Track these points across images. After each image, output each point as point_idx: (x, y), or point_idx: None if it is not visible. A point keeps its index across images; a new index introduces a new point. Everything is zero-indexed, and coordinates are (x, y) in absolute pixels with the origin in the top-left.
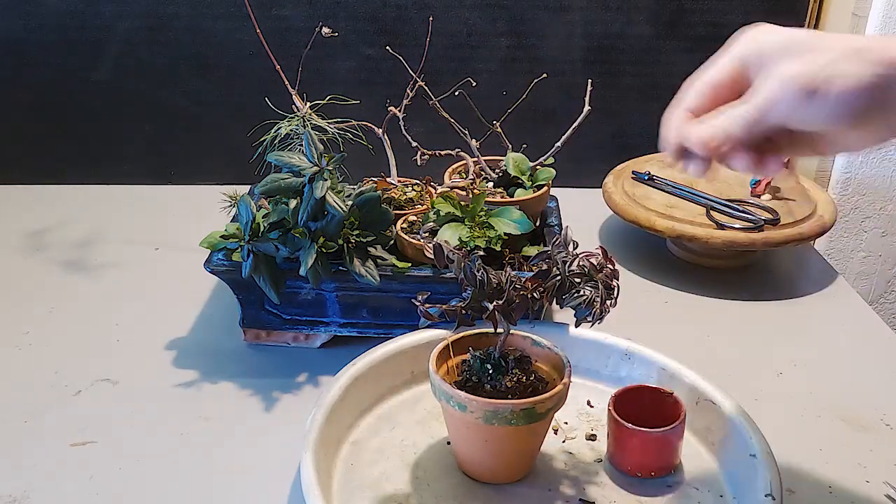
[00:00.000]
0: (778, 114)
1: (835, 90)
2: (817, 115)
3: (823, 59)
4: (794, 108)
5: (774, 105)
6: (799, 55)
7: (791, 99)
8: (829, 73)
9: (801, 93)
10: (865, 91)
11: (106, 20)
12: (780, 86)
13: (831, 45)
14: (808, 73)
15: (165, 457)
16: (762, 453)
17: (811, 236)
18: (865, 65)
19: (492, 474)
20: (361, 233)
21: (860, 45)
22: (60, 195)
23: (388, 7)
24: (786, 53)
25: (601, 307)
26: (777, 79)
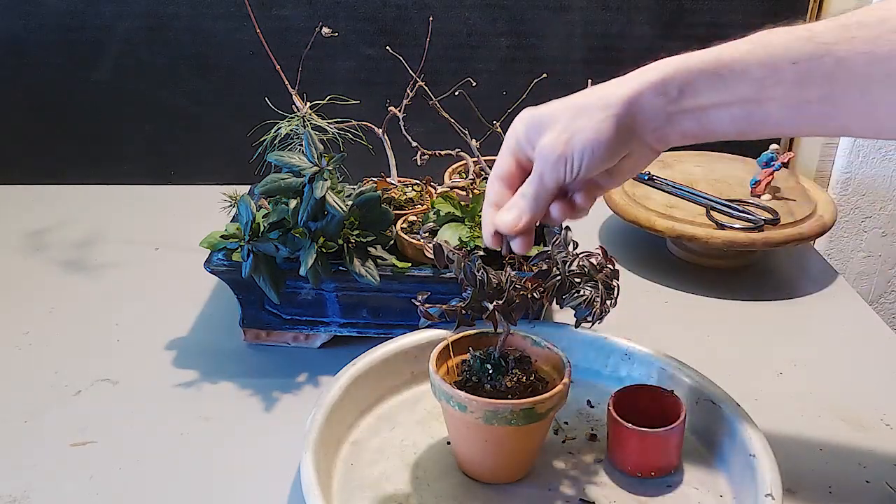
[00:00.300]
0: (552, 181)
1: (579, 146)
2: (580, 168)
3: (561, 125)
4: (560, 171)
5: (544, 177)
6: (547, 128)
7: (553, 166)
8: (568, 136)
9: (558, 159)
10: (604, 134)
11: (106, 20)
12: (540, 160)
13: (564, 109)
14: (549, 143)
15: (165, 457)
16: (762, 453)
17: (811, 236)
18: (594, 113)
19: (492, 474)
20: (361, 233)
21: (582, 102)
22: (60, 195)
23: (388, 7)
24: (538, 130)
25: (601, 307)
26: (537, 156)
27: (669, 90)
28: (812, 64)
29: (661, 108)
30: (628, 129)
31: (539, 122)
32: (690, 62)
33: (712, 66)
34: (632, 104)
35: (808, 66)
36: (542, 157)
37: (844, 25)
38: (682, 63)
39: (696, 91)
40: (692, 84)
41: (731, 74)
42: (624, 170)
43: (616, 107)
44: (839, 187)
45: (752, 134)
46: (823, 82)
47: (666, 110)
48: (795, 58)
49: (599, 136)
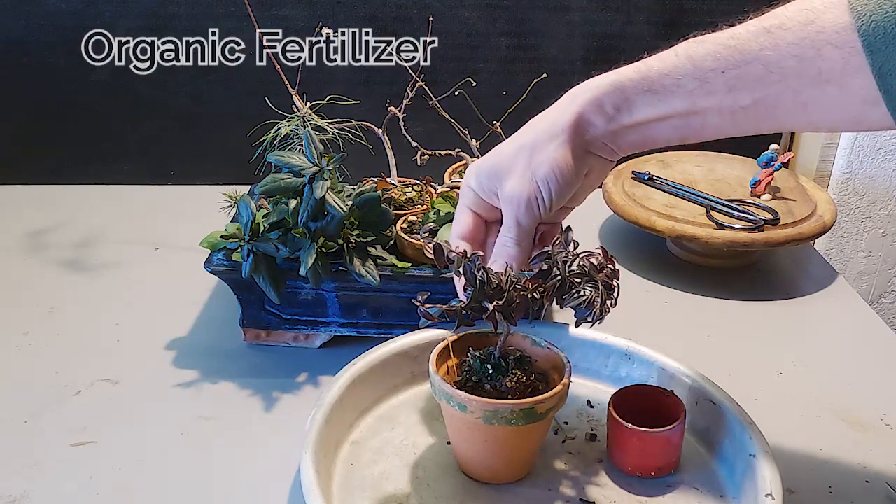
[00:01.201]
0: (528, 222)
1: (544, 181)
2: (551, 200)
3: (520, 168)
4: (534, 210)
5: (520, 221)
6: (506, 175)
7: (526, 209)
8: (530, 174)
9: (529, 200)
10: (562, 161)
11: (106, 20)
12: (512, 206)
13: (516, 151)
14: (517, 186)
15: (165, 457)
16: (762, 453)
17: (811, 236)
18: (546, 147)
19: (492, 474)
20: (361, 233)
21: (531, 139)
22: (60, 195)
23: (388, 7)
24: (496, 179)
25: (601, 307)
26: (505, 203)
27: (606, 109)
28: (741, 71)
29: (603, 126)
30: (582, 148)
31: (494, 171)
32: (622, 80)
33: (643, 83)
34: (577, 126)
35: (737, 73)
36: (512, 202)
37: (767, 30)
38: (614, 81)
39: (632, 108)
40: (627, 102)
41: (663, 90)
42: (586, 186)
43: (564, 133)
44: (839, 187)
45: (696, 139)
46: (755, 87)
47: (608, 128)
48: (724, 67)
49: (559, 164)
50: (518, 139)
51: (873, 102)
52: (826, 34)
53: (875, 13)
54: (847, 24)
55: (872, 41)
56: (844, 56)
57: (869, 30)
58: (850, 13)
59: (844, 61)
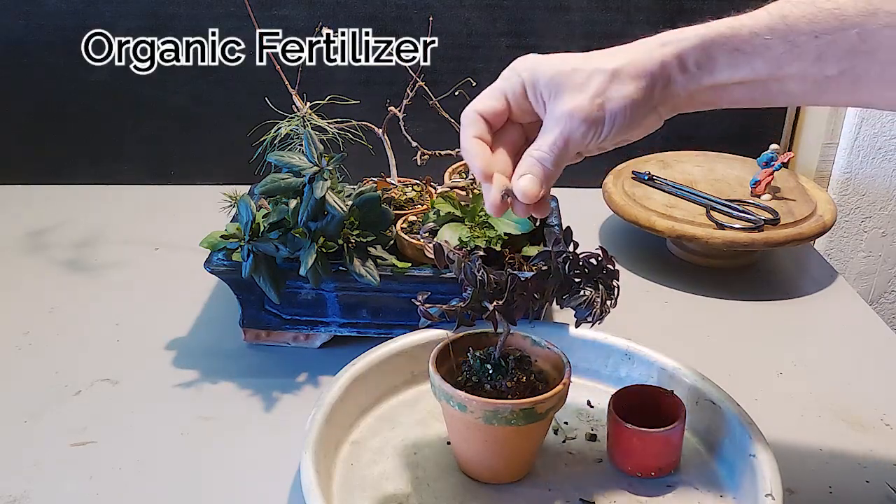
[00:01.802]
0: (574, 146)
1: (612, 112)
2: (608, 134)
3: (593, 89)
4: (589, 136)
5: (570, 140)
6: (572, 89)
7: (578, 131)
8: (602, 100)
9: (585, 124)
10: (633, 102)
11: (106, 20)
12: (565, 125)
13: (593, 71)
14: (584, 107)
15: (165, 457)
16: (762, 453)
17: (811, 236)
18: (627, 82)
19: (492, 474)
20: (361, 233)
21: (612, 66)
22: (60, 195)
23: (388, 7)
24: (557, 88)
25: (601, 307)
26: (561, 118)
27: (688, 65)
28: (834, 37)
29: (682, 83)
30: (653, 99)
31: (557, 80)
32: (710, 35)
33: (731, 41)
34: (658, 75)
35: (830, 39)
36: (571, 120)
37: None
38: (702, 35)
39: (714, 68)
40: (710, 60)
41: (750, 49)
42: (623, 140)
43: (646, 78)
44: (839, 187)
45: (766, 104)
46: (844, 57)
47: (686, 86)
48: (818, 31)
49: (633, 106)
50: (595, 59)
51: None
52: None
53: None
54: None
55: None
56: None
57: None
58: None
59: None
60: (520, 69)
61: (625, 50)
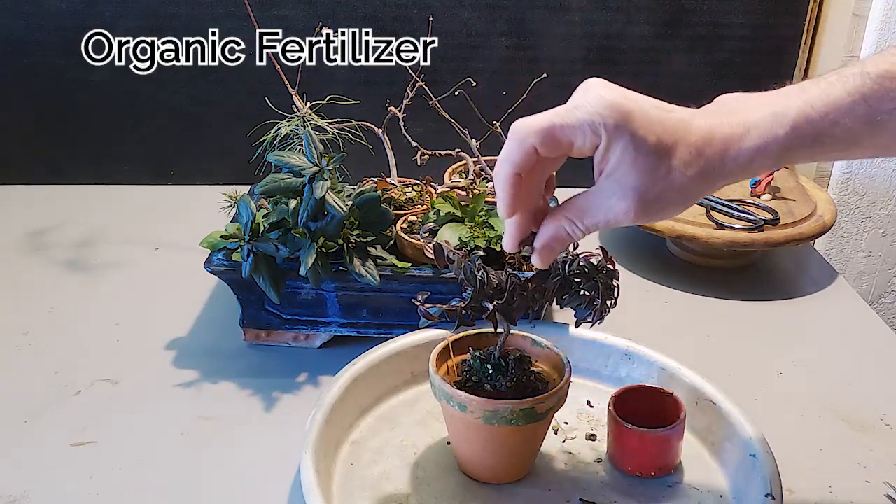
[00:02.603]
0: (614, 226)
1: (667, 213)
2: (644, 221)
3: (663, 188)
4: (629, 223)
5: (612, 224)
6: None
7: (630, 220)
8: (663, 203)
9: (640, 217)
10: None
11: (106, 20)
12: (622, 212)
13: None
14: (648, 204)
15: (165, 457)
16: (762, 453)
17: (811, 236)
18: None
19: (492, 474)
20: (361, 233)
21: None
22: (60, 195)
23: (388, 7)
24: (637, 166)
25: (601, 307)
26: (620, 205)
27: (765, 167)
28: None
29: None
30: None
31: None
32: (791, 139)
33: (813, 136)
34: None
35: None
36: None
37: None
38: (783, 140)
39: (791, 159)
40: (790, 156)
41: (832, 140)
42: None
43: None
44: (839, 187)
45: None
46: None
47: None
48: (890, 108)
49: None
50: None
51: None
52: None
53: None
54: None
55: None
56: None
57: None
58: None
59: None
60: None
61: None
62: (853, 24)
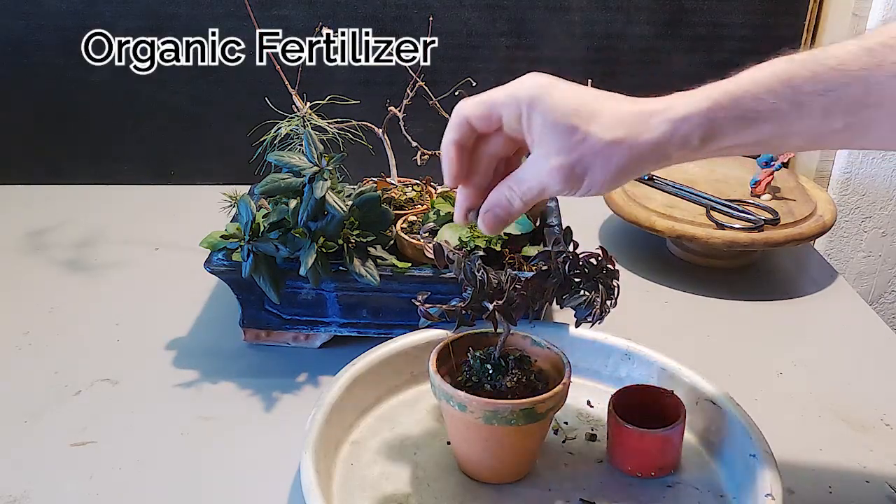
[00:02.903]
0: (548, 195)
1: (593, 180)
2: (580, 193)
3: (584, 154)
4: (560, 192)
5: (543, 192)
6: (562, 145)
7: (555, 187)
8: (588, 168)
9: (564, 184)
10: (616, 176)
11: (106, 20)
12: (546, 177)
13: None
14: (571, 169)
15: (165, 457)
16: (762, 453)
17: (811, 236)
18: (618, 158)
19: (492, 474)
20: (361, 233)
21: (617, 137)
22: (60, 195)
23: (388, 7)
24: (552, 137)
25: (601, 307)
26: (542, 170)
27: (692, 141)
28: (840, 93)
29: (683, 154)
30: (642, 169)
31: (558, 130)
32: (714, 110)
33: (736, 110)
34: (657, 152)
35: (835, 96)
36: (551, 175)
37: (869, 50)
38: (706, 112)
39: (721, 137)
40: (717, 132)
41: (756, 116)
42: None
43: (638, 156)
44: (839, 187)
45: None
46: (850, 110)
47: (688, 157)
48: (823, 89)
49: (615, 178)
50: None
51: None
52: None
53: None
54: None
55: None
56: None
57: None
58: None
59: None
60: (524, 95)
61: (629, 117)
62: (853, 24)
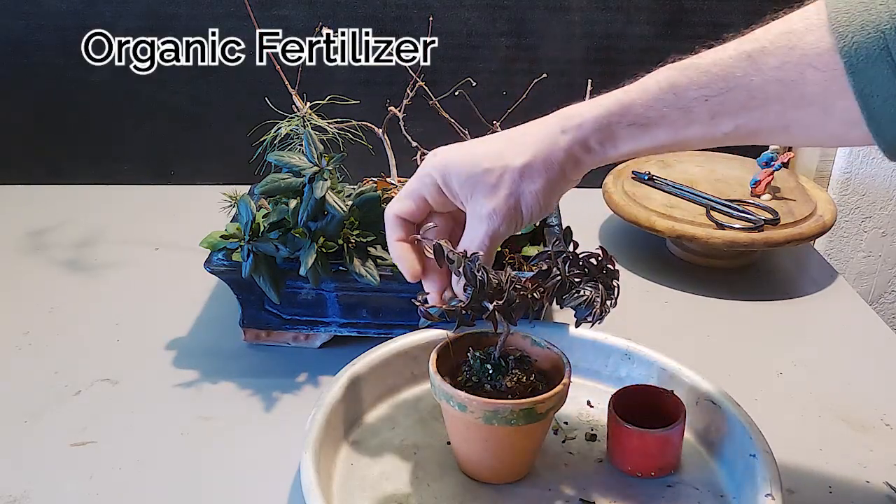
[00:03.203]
0: (500, 238)
1: (529, 207)
2: (525, 222)
3: (506, 189)
4: (507, 230)
5: (494, 238)
6: (486, 188)
7: (500, 228)
8: (515, 200)
9: (506, 221)
10: (546, 192)
11: (106, 20)
12: (488, 224)
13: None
14: (501, 207)
15: (165, 457)
16: (762, 453)
17: (811, 236)
18: (536, 178)
19: (492, 474)
20: (361, 233)
21: (523, 162)
22: (60, 195)
23: (388, 7)
24: (471, 188)
25: (601, 307)
26: (483, 219)
27: (592, 146)
28: (724, 98)
29: (589, 161)
30: (567, 179)
31: (471, 180)
32: (606, 116)
33: (627, 117)
34: (565, 163)
35: (720, 100)
36: (493, 220)
37: (749, 55)
38: (598, 118)
39: (617, 143)
40: (612, 137)
41: (647, 122)
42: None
43: (554, 168)
44: (839, 187)
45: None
46: (738, 113)
47: (594, 161)
48: (707, 94)
49: (546, 197)
50: (504, 155)
51: (855, 123)
52: (809, 57)
53: (857, 34)
54: (829, 47)
55: (854, 63)
56: (827, 79)
57: (851, 51)
58: (832, 35)
59: (827, 84)
60: (431, 170)
61: (529, 139)
62: None
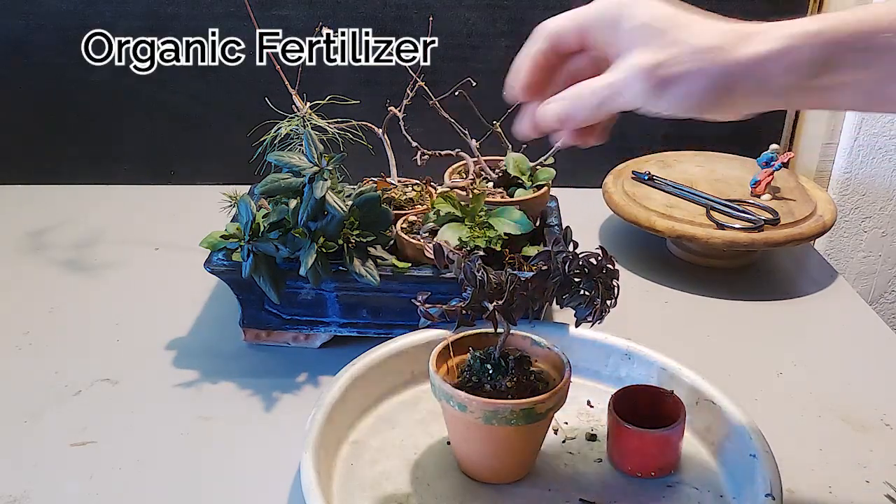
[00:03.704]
0: (625, 102)
1: (681, 90)
2: (663, 107)
3: (674, 55)
4: (641, 99)
5: (622, 94)
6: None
7: (638, 91)
8: (677, 72)
9: (649, 87)
10: (710, 92)
11: (106, 20)
12: (630, 76)
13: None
14: (657, 70)
15: (165, 457)
16: (762, 453)
17: (811, 236)
18: (713, 67)
19: (492, 474)
20: (361, 233)
21: (713, 44)
22: (60, 195)
23: (388, 7)
24: (642, 38)
25: (601, 307)
26: (627, 69)
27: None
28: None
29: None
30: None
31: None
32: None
33: (862, 37)
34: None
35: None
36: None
37: None
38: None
39: (836, 69)
40: (834, 60)
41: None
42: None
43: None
44: (839, 187)
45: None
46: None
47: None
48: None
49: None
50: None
51: None
52: None
53: None
54: None
55: None
56: None
57: None
58: None
59: None
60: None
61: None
62: None
